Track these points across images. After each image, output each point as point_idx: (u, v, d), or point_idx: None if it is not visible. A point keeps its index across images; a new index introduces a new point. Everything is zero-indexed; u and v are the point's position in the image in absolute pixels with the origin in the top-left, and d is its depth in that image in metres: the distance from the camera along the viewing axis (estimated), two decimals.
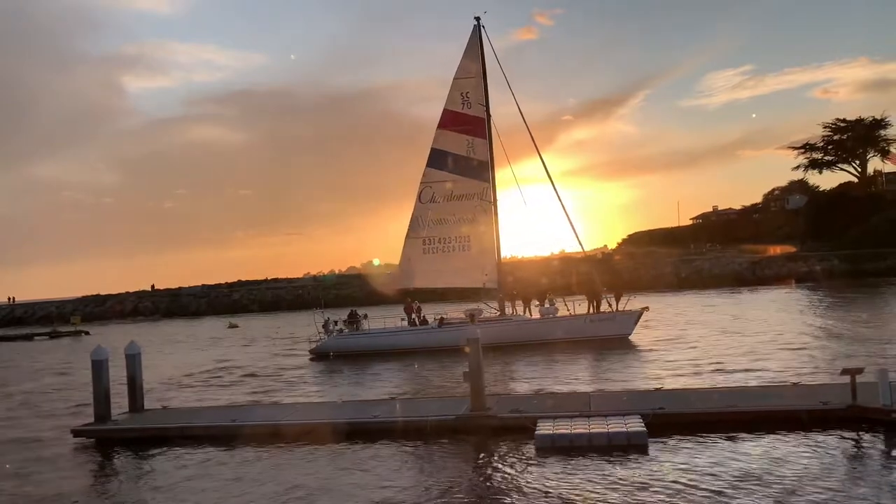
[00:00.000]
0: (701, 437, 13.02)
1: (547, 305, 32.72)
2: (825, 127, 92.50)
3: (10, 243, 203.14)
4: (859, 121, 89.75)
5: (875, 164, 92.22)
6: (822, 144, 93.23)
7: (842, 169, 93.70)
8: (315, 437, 14.75)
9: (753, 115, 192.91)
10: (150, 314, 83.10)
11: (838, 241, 73.54)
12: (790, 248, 77.24)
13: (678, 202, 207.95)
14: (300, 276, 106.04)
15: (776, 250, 77.74)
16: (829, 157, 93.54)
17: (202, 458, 14.28)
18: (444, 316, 32.53)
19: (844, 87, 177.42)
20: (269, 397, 21.40)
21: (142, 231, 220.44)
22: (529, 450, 13.00)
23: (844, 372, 13.89)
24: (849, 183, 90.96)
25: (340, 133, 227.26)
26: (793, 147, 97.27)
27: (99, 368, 16.81)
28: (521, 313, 33.05)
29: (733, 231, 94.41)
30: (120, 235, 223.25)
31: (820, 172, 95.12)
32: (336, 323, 33.02)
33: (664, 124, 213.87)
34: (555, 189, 33.45)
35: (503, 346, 28.70)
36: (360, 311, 34.38)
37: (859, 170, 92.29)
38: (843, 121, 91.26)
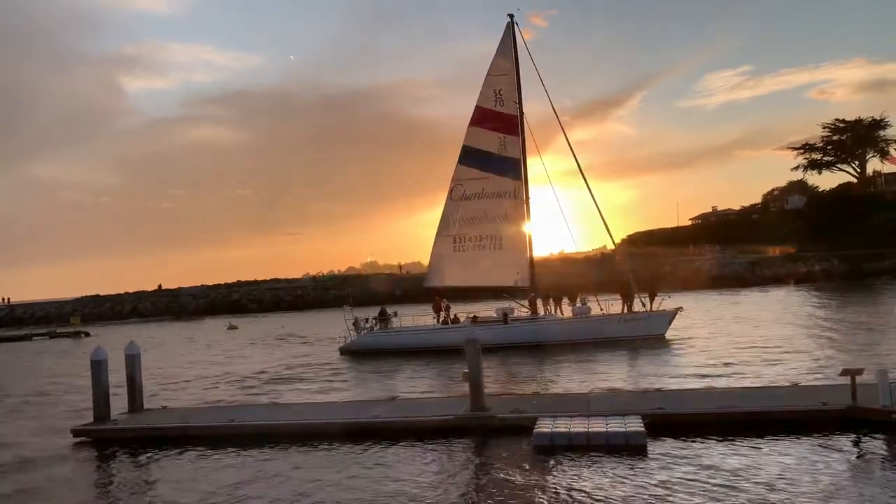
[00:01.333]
0: (700, 437, 13.02)
1: (579, 305, 32.41)
2: (824, 127, 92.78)
3: (8, 243, 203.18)
4: (858, 121, 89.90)
5: (874, 164, 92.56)
6: (821, 145, 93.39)
7: (841, 169, 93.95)
8: (314, 438, 14.77)
9: (749, 117, 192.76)
10: (149, 315, 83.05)
11: (837, 242, 73.57)
12: (789, 249, 77.26)
13: (677, 203, 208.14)
14: (299, 276, 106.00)
15: (775, 251, 77.77)
16: (829, 158, 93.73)
17: (201, 457, 14.28)
18: (477, 314, 32.33)
19: (842, 87, 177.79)
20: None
21: (140, 231, 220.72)
22: (528, 449, 13.00)
23: (844, 373, 13.90)
24: (848, 183, 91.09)
25: (339, 133, 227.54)
26: (792, 147, 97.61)
27: (98, 369, 16.82)
28: (553, 312, 32.77)
29: (733, 232, 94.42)
30: (119, 235, 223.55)
31: (819, 173, 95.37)
32: (367, 321, 32.86)
33: (662, 125, 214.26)
34: (587, 185, 33.14)
35: (536, 346, 28.66)
36: (390, 310, 34.16)
37: (858, 170, 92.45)
38: (842, 121, 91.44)
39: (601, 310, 31.79)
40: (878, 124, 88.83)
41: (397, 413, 15.79)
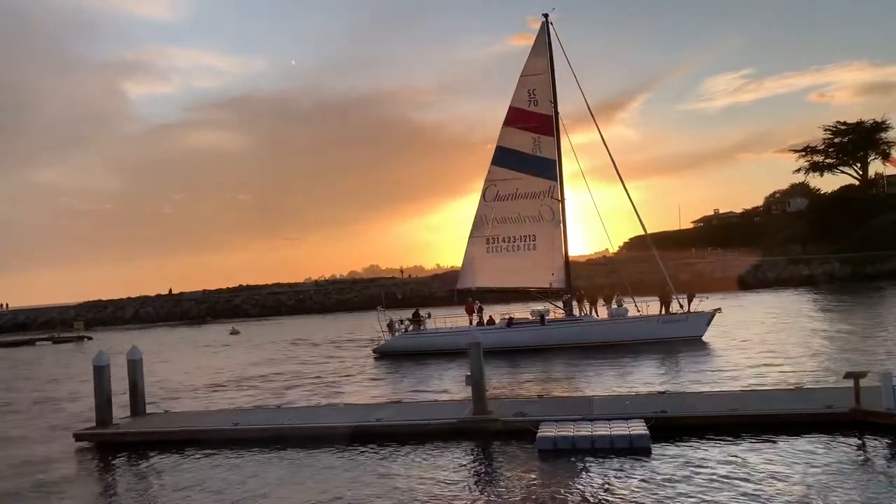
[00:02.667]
0: (704, 440, 13.00)
1: (615, 306, 32.16)
2: (826, 130, 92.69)
3: (10, 249, 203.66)
4: (860, 124, 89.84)
5: (876, 166, 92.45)
6: (822, 147, 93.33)
7: (843, 172, 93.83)
8: (318, 441, 14.74)
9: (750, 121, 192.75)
10: (151, 320, 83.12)
11: (840, 244, 73.48)
12: (792, 252, 77.13)
13: (679, 206, 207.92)
14: (301, 280, 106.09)
15: (778, 254, 77.65)
16: (830, 160, 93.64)
17: (204, 462, 14.26)
18: (513, 316, 32.06)
19: (844, 90, 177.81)
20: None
21: (142, 236, 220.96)
22: (532, 453, 12.98)
23: (848, 375, 13.88)
24: (850, 186, 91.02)
25: (340, 138, 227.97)
26: (794, 150, 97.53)
27: (100, 373, 16.83)
28: (588, 314, 32.56)
29: (735, 234, 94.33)
30: (120, 241, 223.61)
31: (821, 175, 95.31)
32: (401, 322, 32.76)
33: (664, 128, 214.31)
34: (623, 184, 33.10)
35: (572, 347, 28.54)
36: (423, 311, 33.98)
37: (860, 172, 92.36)
38: (844, 124, 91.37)
39: (638, 311, 31.49)
40: (880, 127, 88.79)
41: (400, 417, 15.77)
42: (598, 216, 33.82)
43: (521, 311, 33.67)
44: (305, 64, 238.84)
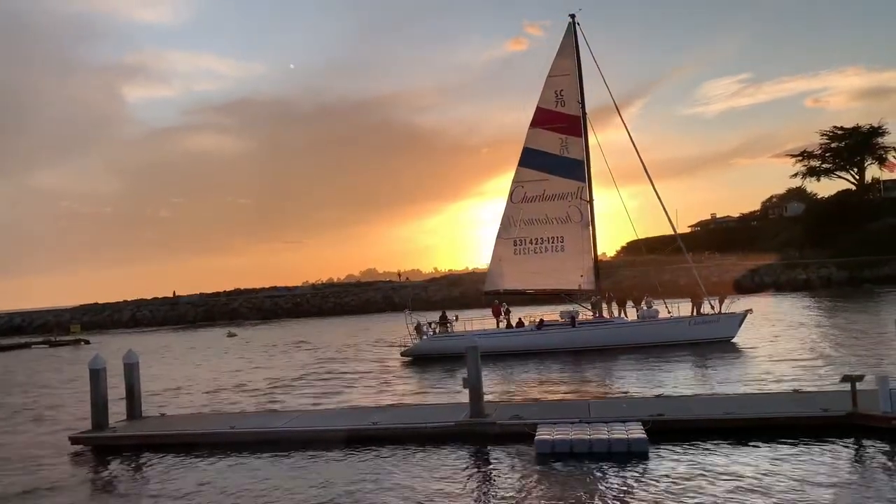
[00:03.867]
0: (701, 444, 12.99)
1: (644, 308, 31.98)
2: (822, 135, 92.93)
3: (8, 252, 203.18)
4: (857, 129, 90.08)
5: (873, 171, 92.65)
6: (819, 152, 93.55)
7: (840, 177, 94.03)
8: (314, 445, 14.70)
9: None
10: (148, 323, 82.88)
11: (837, 249, 73.61)
12: (789, 256, 77.22)
13: (676, 210, 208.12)
14: (299, 284, 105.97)
15: (774, 258, 77.76)
16: (827, 165, 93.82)
17: (201, 465, 14.20)
18: (543, 318, 31.75)
19: (841, 94, 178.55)
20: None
21: (140, 240, 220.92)
22: (530, 456, 12.95)
23: (844, 379, 13.88)
24: (847, 190, 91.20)
25: (339, 142, 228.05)
26: (791, 155, 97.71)
27: (96, 377, 16.77)
28: (617, 315, 32.36)
29: (732, 239, 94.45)
30: (118, 244, 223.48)
31: (818, 180, 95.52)
32: (430, 325, 32.52)
33: (662, 132, 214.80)
34: (651, 182, 33.12)
35: (603, 350, 28.39)
36: (451, 314, 33.68)
37: (857, 177, 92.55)
38: (841, 129, 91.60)
39: (668, 312, 31.32)
40: (877, 131, 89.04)
41: (397, 420, 15.73)
42: (626, 215, 33.65)
43: (547, 313, 33.20)
44: (304, 68, 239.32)
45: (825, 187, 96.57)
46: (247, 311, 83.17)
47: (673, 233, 36.78)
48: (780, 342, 28.28)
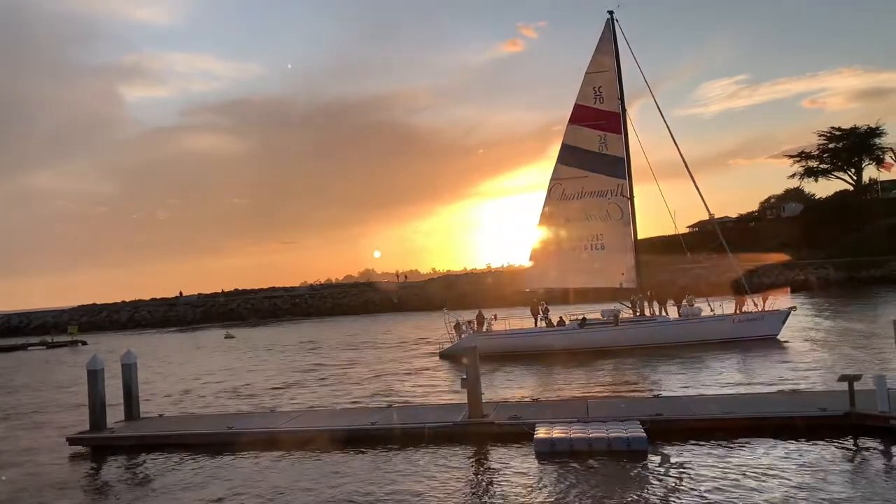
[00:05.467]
0: (700, 443, 13.00)
1: (685, 306, 31.63)
2: (820, 136, 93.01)
3: (5, 253, 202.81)
4: (854, 129, 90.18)
5: (870, 172, 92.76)
6: (817, 153, 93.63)
7: (837, 177, 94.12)
8: (313, 445, 14.69)
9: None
10: (146, 324, 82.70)
11: (834, 249, 73.66)
12: (786, 257, 77.26)
13: (674, 211, 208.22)
14: (297, 284, 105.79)
15: (772, 258, 77.81)
16: (825, 166, 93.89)
17: (198, 466, 14.19)
18: (585, 316, 31.18)
19: (838, 95, 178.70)
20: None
21: (137, 240, 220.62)
22: (529, 456, 12.96)
23: (842, 378, 13.91)
24: (844, 191, 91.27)
25: (336, 142, 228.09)
26: (788, 155, 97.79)
27: (94, 378, 16.75)
28: (658, 314, 31.92)
29: (729, 239, 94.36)
30: (116, 245, 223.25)
31: (815, 181, 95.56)
32: (469, 323, 32.00)
33: (660, 133, 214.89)
34: (690, 174, 32.86)
35: (647, 348, 27.98)
36: (489, 313, 33.08)
37: (854, 178, 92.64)
38: (839, 129, 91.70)
39: (712, 310, 30.99)
40: (874, 132, 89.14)
41: (396, 420, 15.71)
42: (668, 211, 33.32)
43: (583, 311, 32.81)
44: (301, 68, 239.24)
45: (823, 188, 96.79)
46: (245, 312, 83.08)
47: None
48: (782, 342, 28.31)
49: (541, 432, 13.42)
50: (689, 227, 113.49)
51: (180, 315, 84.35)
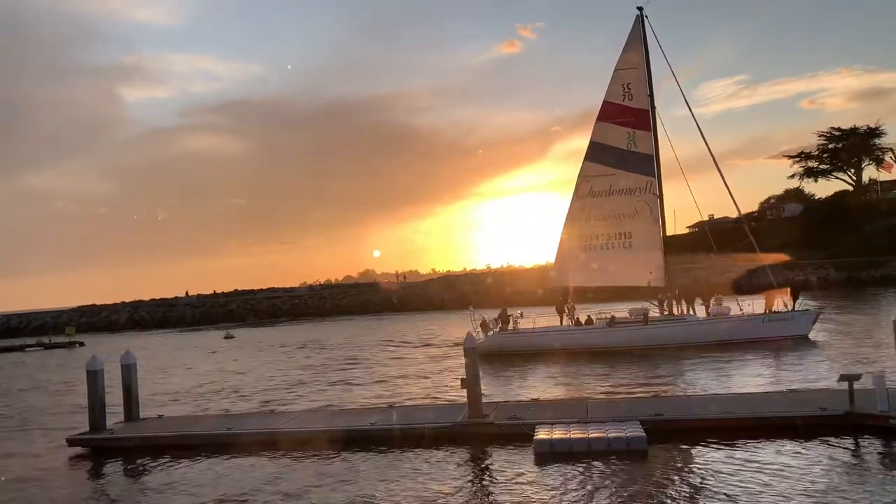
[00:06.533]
0: (699, 443, 12.99)
1: (713, 305, 31.33)
2: (820, 136, 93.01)
3: (5, 253, 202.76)
4: (854, 130, 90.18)
5: (870, 172, 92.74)
6: (817, 153, 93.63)
7: (837, 177, 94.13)
8: (312, 445, 14.67)
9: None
10: (145, 324, 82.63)
11: (834, 250, 73.66)
12: (786, 257, 77.24)
13: (674, 210, 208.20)
14: (296, 285, 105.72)
15: (772, 259, 77.76)
16: (825, 166, 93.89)
17: (198, 467, 14.18)
18: (614, 315, 30.83)
19: (838, 96, 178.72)
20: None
21: (137, 241, 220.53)
22: (528, 456, 12.94)
23: (842, 378, 13.90)
24: (844, 192, 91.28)
25: (336, 142, 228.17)
26: (787, 156, 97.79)
27: (94, 379, 16.73)
28: (686, 313, 31.44)
29: (729, 240, 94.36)
30: (115, 245, 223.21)
31: (815, 181, 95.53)
32: (495, 321, 31.64)
33: (660, 134, 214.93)
34: (717, 167, 32.78)
35: (678, 348, 27.56)
36: (515, 311, 32.65)
37: (854, 178, 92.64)
38: (839, 130, 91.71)
39: (741, 310, 30.68)
40: (874, 133, 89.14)
41: (395, 421, 15.70)
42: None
43: (608, 310, 32.43)
44: (301, 68, 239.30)
45: (823, 188, 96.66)
46: (244, 313, 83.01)
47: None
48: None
49: (540, 433, 13.41)
50: (688, 227, 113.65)
51: (180, 316, 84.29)
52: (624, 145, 32.15)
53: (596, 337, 29.81)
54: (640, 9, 32.35)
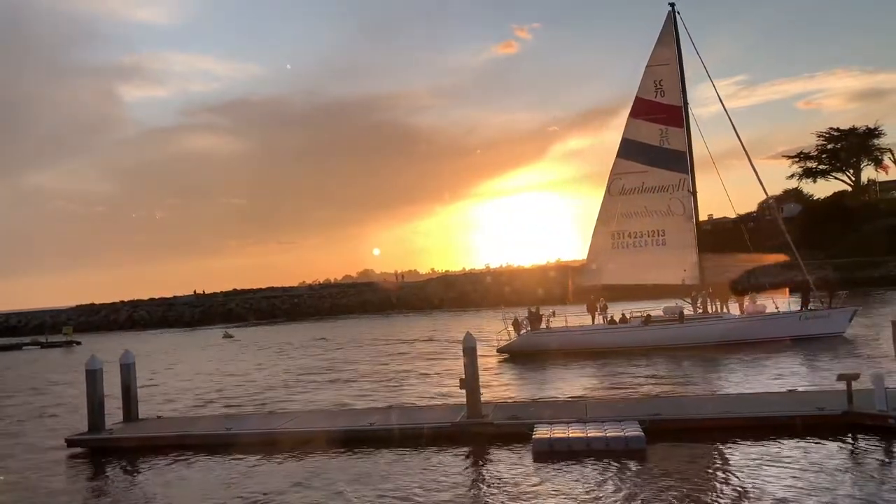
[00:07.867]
0: (698, 443, 13.01)
1: (748, 303, 31.14)
2: (819, 136, 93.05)
3: (3, 253, 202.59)
4: (853, 130, 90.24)
5: (869, 172, 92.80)
6: (815, 153, 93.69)
7: (836, 178, 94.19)
8: (311, 446, 14.68)
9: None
10: (144, 324, 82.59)
11: (833, 250, 73.71)
12: (785, 257, 77.25)
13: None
14: (295, 285, 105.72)
15: (771, 259, 77.80)
16: (823, 167, 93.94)
17: (197, 467, 14.18)
18: (650, 313, 30.47)
19: (836, 96, 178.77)
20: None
21: (136, 240, 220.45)
22: (527, 456, 12.96)
23: (841, 378, 13.93)
24: (842, 192, 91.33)
25: (335, 142, 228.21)
26: (786, 156, 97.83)
27: (93, 378, 16.72)
28: (720, 311, 31.11)
29: (729, 240, 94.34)
30: (114, 245, 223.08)
31: (814, 181, 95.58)
32: (525, 320, 31.16)
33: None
34: (749, 159, 32.73)
35: (714, 346, 27.22)
36: (547, 310, 32.26)
37: (853, 179, 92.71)
38: (837, 130, 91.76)
39: (776, 308, 30.48)
40: (873, 133, 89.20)
41: (394, 421, 15.70)
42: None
43: (641, 308, 32.15)
44: (301, 68, 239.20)
45: (821, 189, 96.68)
46: (244, 312, 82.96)
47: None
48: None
49: (539, 432, 13.42)
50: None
51: (178, 315, 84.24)
52: (656, 142, 31.88)
53: (631, 336, 29.51)
54: (671, 4, 32.16)
